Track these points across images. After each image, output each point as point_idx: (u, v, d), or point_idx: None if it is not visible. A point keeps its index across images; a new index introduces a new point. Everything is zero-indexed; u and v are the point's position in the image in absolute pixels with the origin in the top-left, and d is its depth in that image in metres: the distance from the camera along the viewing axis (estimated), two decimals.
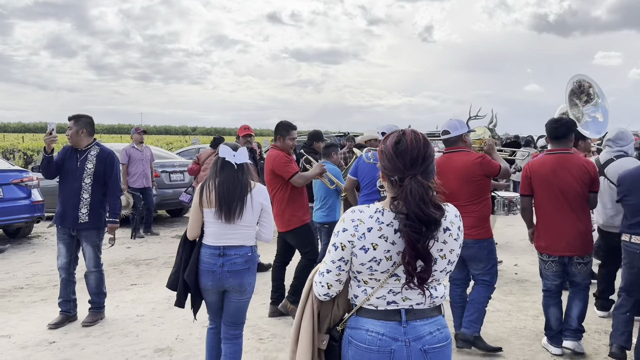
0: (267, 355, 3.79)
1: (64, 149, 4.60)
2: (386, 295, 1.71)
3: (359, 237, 1.68)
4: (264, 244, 3.71)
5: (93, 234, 4.49)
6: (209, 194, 2.92)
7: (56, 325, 4.40)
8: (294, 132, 4.59)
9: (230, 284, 2.98)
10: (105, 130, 71.38)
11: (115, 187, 4.56)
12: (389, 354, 1.68)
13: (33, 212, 7.74)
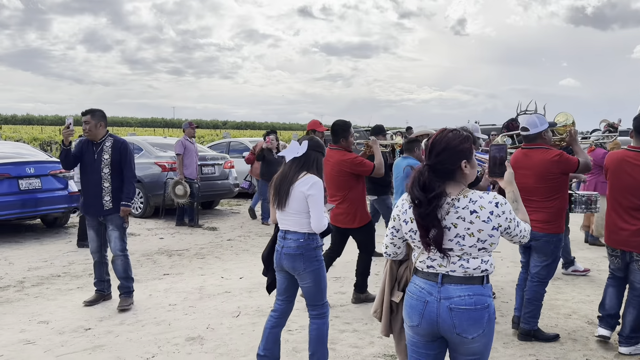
0: (295, 347, 3.82)
1: (80, 142, 4.84)
2: (425, 261, 2.17)
3: (403, 212, 2.21)
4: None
5: (117, 218, 4.76)
6: (271, 184, 3.31)
7: (91, 302, 4.74)
8: (351, 128, 4.80)
9: (286, 266, 3.25)
10: (138, 123, 72.89)
11: (130, 173, 4.81)
12: (424, 303, 2.14)
13: (70, 203, 7.97)
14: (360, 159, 4.71)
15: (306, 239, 3.19)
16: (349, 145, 4.73)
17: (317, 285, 3.25)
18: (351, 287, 5.33)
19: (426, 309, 2.13)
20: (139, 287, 5.30)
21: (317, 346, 3.28)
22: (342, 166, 4.63)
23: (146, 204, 9.37)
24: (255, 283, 5.49)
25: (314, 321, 3.32)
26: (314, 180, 3.16)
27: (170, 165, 9.23)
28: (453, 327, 2.08)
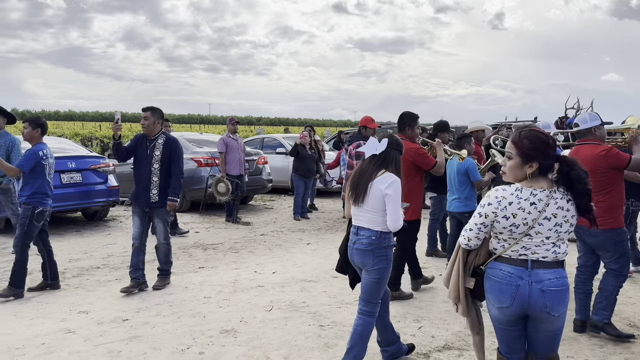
0: (327, 342, 3.83)
1: (136, 137, 5.18)
2: (519, 250, 2.37)
3: (502, 209, 2.35)
4: None
5: (163, 211, 5.12)
6: (349, 180, 3.36)
7: (127, 289, 4.92)
8: (418, 120, 4.86)
9: (356, 260, 3.30)
10: (175, 120, 74.28)
11: (177, 169, 5.11)
12: (515, 287, 2.36)
13: (109, 197, 8.19)
14: (424, 151, 4.78)
15: (378, 237, 3.20)
16: (414, 136, 4.81)
17: (379, 284, 3.27)
18: None
19: (518, 291, 2.35)
20: (175, 279, 5.41)
21: (358, 342, 3.28)
22: (405, 155, 4.58)
23: (182, 199, 9.54)
24: (287, 278, 5.52)
25: (362, 317, 3.31)
26: (393, 179, 3.17)
27: (206, 161, 9.37)
28: (544, 307, 2.33)
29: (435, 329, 4.12)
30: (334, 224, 8.85)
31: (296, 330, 4.06)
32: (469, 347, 3.75)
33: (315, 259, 6.42)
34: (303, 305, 4.65)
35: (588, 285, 4.07)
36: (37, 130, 5.00)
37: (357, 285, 3.52)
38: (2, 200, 6.38)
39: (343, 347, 3.72)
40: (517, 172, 2.40)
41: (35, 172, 4.88)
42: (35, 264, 5.98)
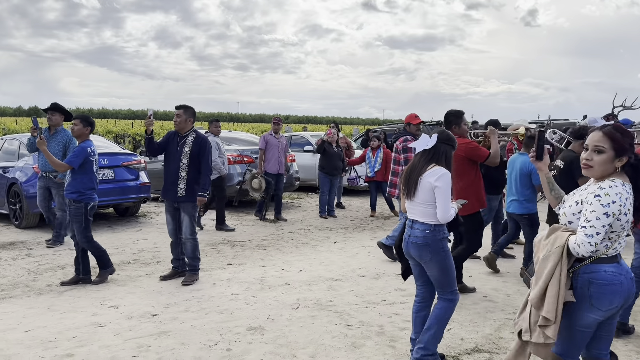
0: (354, 342, 3.79)
1: (169, 133, 5.35)
2: (616, 247, 2.37)
3: (623, 206, 2.31)
4: None
5: (189, 206, 5.24)
6: (402, 174, 3.47)
7: (166, 277, 5.31)
8: (464, 116, 4.85)
9: (413, 254, 3.36)
10: (205, 118, 75.13)
11: (206, 166, 5.24)
12: (620, 284, 2.33)
13: (140, 193, 8.33)
14: (475, 144, 4.74)
15: (432, 230, 3.27)
16: (462, 133, 4.77)
17: (444, 275, 3.33)
18: (411, 283, 5.23)
19: (623, 289, 2.34)
20: (203, 275, 5.46)
21: (435, 323, 3.34)
22: (458, 151, 4.57)
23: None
24: (314, 276, 5.50)
25: (442, 302, 3.38)
26: (442, 172, 3.23)
27: (235, 159, 9.43)
28: (635, 295, 2.48)
29: (465, 331, 4.04)
30: (361, 223, 8.80)
31: (323, 329, 4.04)
32: (499, 350, 3.67)
33: (342, 257, 6.39)
34: (330, 304, 4.63)
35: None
36: (87, 128, 5.21)
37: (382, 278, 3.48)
38: (55, 194, 6.75)
39: (370, 348, 3.69)
40: (607, 166, 2.38)
41: (84, 168, 5.10)
42: (68, 259, 6.12)
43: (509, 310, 4.52)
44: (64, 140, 6.60)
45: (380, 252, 6.67)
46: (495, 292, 5.04)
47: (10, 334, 3.90)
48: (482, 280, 5.42)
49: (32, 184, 7.49)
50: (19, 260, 6.15)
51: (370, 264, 6.08)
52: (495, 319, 4.30)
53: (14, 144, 8.43)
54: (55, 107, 6.69)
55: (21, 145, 8.16)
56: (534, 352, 2.49)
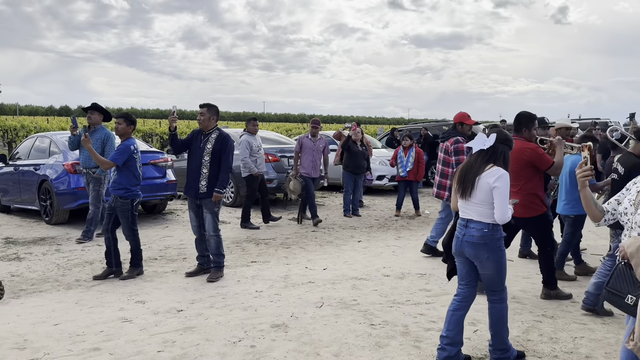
0: (378, 342, 3.76)
1: (193, 131, 5.42)
2: None
3: None
4: None
5: (211, 202, 5.27)
6: (455, 174, 3.48)
7: (191, 274, 5.38)
8: (536, 121, 4.79)
9: (467, 253, 3.36)
10: (231, 117, 75.92)
11: (227, 164, 5.29)
12: None
13: (167, 191, 8.44)
14: (542, 151, 4.69)
15: (490, 230, 3.28)
16: (530, 137, 4.72)
17: (498, 273, 3.36)
18: (436, 284, 5.17)
19: None
20: (228, 272, 5.50)
21: (499, 326, 3.39)
22: (522, 154, 4.59)
23: (237, 194, 9.70)
24: (338, 275, 5.48)
25: (494, 305, 3.42)
26: (501, 173, 3.23)
27: None
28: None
29: None
30: (385, 222, 8.74)
31: (346, 327, 4.02)
32: (527, 352, 3.59)
33: (366, 256, 6.35)
34: (354, 303, 4.60)
35: None
36: (130, 127, 5.41)
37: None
38: (91, 189, 6.98)
39: (394, 347, 3.65)
40: None
41: (128, 165, 5.29)
42: (97, 254, 6.23)
43: (537, 312, 4.42)
44: (102, 138, 6.81)
45: (404, 252, 6.62)
46: (524, 294, 4.94)
47: (39, 327, 3.98)
48: (509, 281, 5.30)
49: (62, 181, 7.66)
50: (49, 255, 6.29)
51: (394, 263, 6.02)
52: (523, 321, 4.21)
53: (45, 141, 8.62)
54: (94, 107, 6.96)
55: (52, 143, 8.35)
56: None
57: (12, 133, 22.29)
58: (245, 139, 8.20)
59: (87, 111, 6.99)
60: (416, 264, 6.01)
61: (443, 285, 5.15)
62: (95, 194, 6.94)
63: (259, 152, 8.32)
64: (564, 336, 3.91)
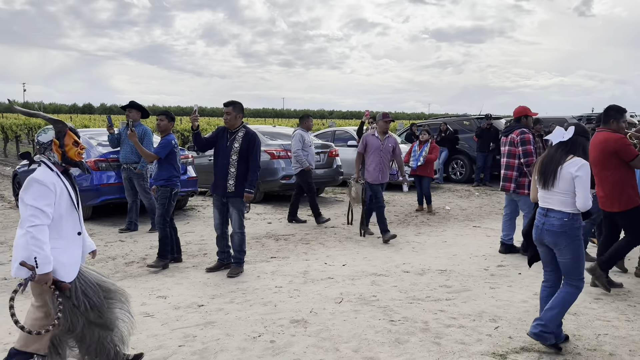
0: (398, 338, 3.75)
1: (218, 129, 5.46)
2: None
3: None
4: None
5: (238, 201, 5.30)
6: (536, 166, 3.67)
7: (212, 269, 5.43)
8: (625, 114, 4.84)
9: (547, 241, 3.54)
10: (251, 114, 76.31)
11: (255, 163, 5.28)
12: None
13: (188, 187, 8.51)
14: (628, 142, 4.72)
15: (570, 219, 3.44)
16: (619, 129, 4.77)
17: (575, 261, 3.49)
18: (457, 280, 5.13)
19: None
20: (248, 268, 5.53)
21: (559, 305, 3.50)
22: (607, 144, 4.64)
23: (256, 190, 9.73)
24: (357, 271, 5.47)
25: (568, 289, 3.54)
26: (582, 163, 3.41)
27: (279, 153, 9.50)
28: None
29: (513, 329, 3.92)
30: (405, 218, 8.70)
31: (366, 323, 4.01)
32: (549, 351, 3.54)
33: (385, 252, 6.33)
34: (373, 299, 4.59)
35: None
36: (171, 123, 5.79)
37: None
38: (137, 184, 7.32)
39: (414, 344, 3.64)
40: None
41: (169, 158, 5.65)
42: (120, 250, 6.32)
43: None
44: (140, 133, 7.12)
45: (424, 248, 6.58)
46: None
47: None
48: (531, 278, 5.25)
49: (85, 177, 7.78)
50: None
51: (414, 259, 5.99)
52: None
53: None
54: (132, 105, 7.27)
55: None
56: None
57: (36, 131, 22.75)
58: (299, 133, 8.15)
59: (126, 109, 7.26)
60: (436, 260, 5.97)
61: (464, 281, 5.11)
62: (141, 188, 7.32)
63: (311, 147, 8.28)
64: (587, 333, 3.85)
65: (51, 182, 2.83)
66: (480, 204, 10.20)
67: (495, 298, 4.64)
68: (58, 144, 2.94)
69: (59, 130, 2.97)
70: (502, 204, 10.16)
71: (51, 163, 2.93)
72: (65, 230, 2.91)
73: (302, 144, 8.08)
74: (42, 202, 2.77)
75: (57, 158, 2.94)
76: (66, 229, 2.91)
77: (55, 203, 2.83)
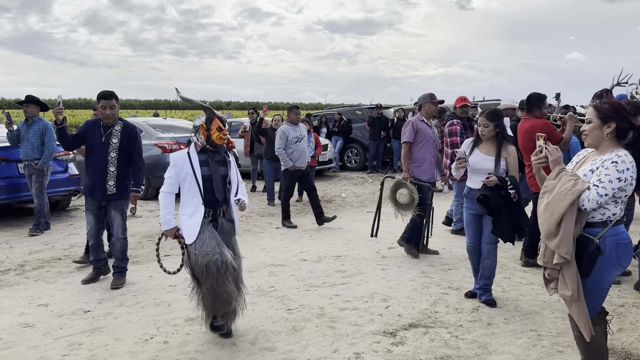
0: (295, 325, 3.80)
1: (87, 123, 4.87)
2: (618, 212, 2.61)
3: (635, 173, 2.55)
4: None
5: (121, 203, 4.82)
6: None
7: (88, 280, 4.87)
8: (546, 100, 5.06)
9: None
10: (142, 105, 72.69)
11: (139, 159, 4.87)
12: (631, 242, 2.64)
13: (70, 186, 7.94)
14: (553, 127, 4.92)
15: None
16: (542, 116, 4.96)
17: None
18: (351, 265, 5.30)
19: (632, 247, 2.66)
20: (139, 268, 5.30)
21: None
22: (534, 131, 4.64)
23: (147, 186, 9.33)
24: (255, 263, 5.46)
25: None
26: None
27: (171, 147, 9.14)
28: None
29: (402, 307, 4.14)
30: (303, 208, 8.81)
31: (263, 315, 4.02)
32: (435, 324, 3.78)
33: (284, 242, 6.37)
34: (271, 289, 4.61)
35: None
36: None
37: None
38: (34, 180, 6.88)
39: (310, 330, 3.71)
40: (596, 133, 2.64)
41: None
42: (1, 255, 5.75)
43: (444, 285, 4.66)
44: (40, 129, 6.83)
45: (321, 236, 6.71)
46: (432, 269, 5.18)
47: None
48: (419, 258, 5.56)
49: None
50: None
51: (311, 247, 6.09)
52: (431, 294, 4.43)
53: None
54: (30, 100, 6.84)
55: None
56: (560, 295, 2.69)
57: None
58: (282, 129, 7.39)
59: (23, 104, 6.85)
60: (332, 246, 6.12)
61: (358, 265, 5.29)
62: (38, 186, 6.90)
63: (298, 143, 7.36)
64: (468, 306, 4.16)
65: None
66: (373, 190, 10.60)
67: (386, 279, 4.86)
68: (205, 128, 3.54)
69: (208, 117, 3.55)
70: None
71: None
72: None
73: (286, 141, 7.30)
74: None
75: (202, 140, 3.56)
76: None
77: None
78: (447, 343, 3.48)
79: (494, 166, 4.08)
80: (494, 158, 4.11)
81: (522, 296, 4.34)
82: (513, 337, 3.59)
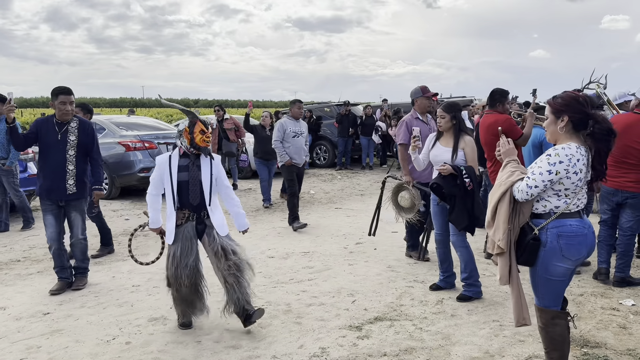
0: (260, 322, 3.78)
1: (37, 121, 4.61)
2: (577, 203, 2.61)
3: (572, 166, 2.52)
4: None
5: (81, 203, 4.67)
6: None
7: (58, 291, 4.51)
8: (508, 96, 5.11)
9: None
10: (107, 104, 71.18)
11: (98, 156, 4.74)
12: (584, 236, 2.60)
13: (29, 186, 7.70)
14: (514, 122, 4.96)
15: None
16: (504, 111, 5.03)
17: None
18: (319, 260, 5.30)
19: (587, 241, 2.62)
20: (102, 269, 5.18)
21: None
22: (496, 126, 4.69)
23: (111, 185, 9.13)
24: None
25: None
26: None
27: (135, 145, 8.97)
28: (593, 250, 2.69)
29: (369, 301, 4.16)
30: (274, 204, 8.76)
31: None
32: (400, 317, 3.81)
33: (252, 240, 6.32)
34: None
35: (614, 237, 4.67)
36: (87, 115, 5.66)
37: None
38: (4, 181, 6.79)
39: (277, 326, 3.69)
40: (552, 128, 2.65)
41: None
42: None
43: (410, 279, 4.71)
44: (6, 127, 6.45)
45: (289, 233, 6.68)
46: (398, 263, 5.23)
47: None
48: (385, 252, 5.60)
49: None
50: None
51: (279, 244, 6.07)
52: (397, 288, 4.47)
53: None
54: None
55: None
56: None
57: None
58: (280, 122, 7.08)
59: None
60: (300, 243, 6.11)
61: (325, 261, 5.30)
62: (11, 186, 6.85)
63: (296, 138, 7.02)
64: (432, 298, 4.21)
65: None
66: (342, 186, 10.63)
67: (353, 274, 4.88)
68: (188, 132, 3.59)
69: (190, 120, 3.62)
70: (361, 185, 10.71)
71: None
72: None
73: (283, 135, 6.98)
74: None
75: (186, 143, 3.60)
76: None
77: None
78: (412, 335, 3.52)
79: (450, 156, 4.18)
80: (451, 149, 4.20)
81: (485, 287, 4.41)
82: (476, 327, 3.65)
